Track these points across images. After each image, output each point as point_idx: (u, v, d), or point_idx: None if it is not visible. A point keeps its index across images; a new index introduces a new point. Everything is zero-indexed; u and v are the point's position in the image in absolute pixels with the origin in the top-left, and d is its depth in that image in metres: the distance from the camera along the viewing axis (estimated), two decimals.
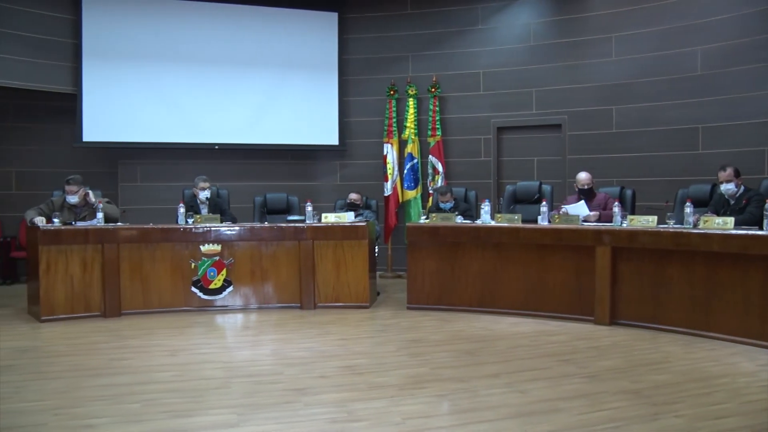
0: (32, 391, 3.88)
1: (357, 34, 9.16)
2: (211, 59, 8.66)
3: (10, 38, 7.90)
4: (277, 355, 4.72)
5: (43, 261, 5.86)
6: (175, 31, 8.56)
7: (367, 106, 9.18)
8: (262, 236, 6.44)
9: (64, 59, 8.28)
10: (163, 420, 3.34)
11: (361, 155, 9.21)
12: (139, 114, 8.45)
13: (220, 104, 8.69)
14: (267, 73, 8.86)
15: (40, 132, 8.84)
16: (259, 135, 8.81)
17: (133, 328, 5.62)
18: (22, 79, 8.01)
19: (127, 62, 8.43)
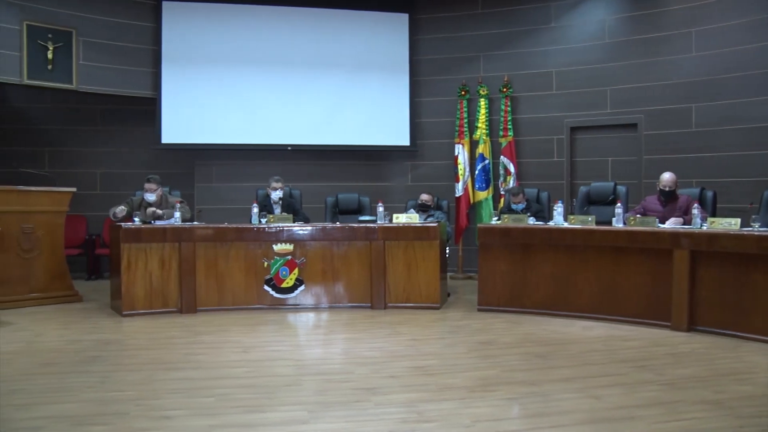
0: (115, 381, 4.07)
1: (428, 34, 9.17)
2: (284, 62, 8.85)
3: (96, 47, 8.31)
4: (347, 354, 4.79)
5: (125, 258, 6.12)
6: (249, 35, 8.78)
7: (438, 106, 9.17)
8: (333, 236, 6.53)
9: (145, 65, 8.64)
10: (236, 414, 3.43)
11: (432, 156, 9.21)
12: (214, 116, 8.71)
13: (293, 106, 8.86)
14: (339, 75, 8.97)
15: (123, 135, 9.26)
16: (331, 136, 8.93)
17: (207, 324, 5.80)
18: (108, 85, 8.41)
19: (203, 66, 8.71)
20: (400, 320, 5.94)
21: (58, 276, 6.93)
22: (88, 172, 9.15)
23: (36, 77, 7.93)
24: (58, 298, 6.83)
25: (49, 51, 7.96)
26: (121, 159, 9.25)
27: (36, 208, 6.77)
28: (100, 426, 3.27)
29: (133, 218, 6.34)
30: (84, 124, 9.23)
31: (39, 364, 4.45)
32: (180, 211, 6.43)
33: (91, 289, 7.77)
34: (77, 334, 5.45)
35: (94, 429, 3.23)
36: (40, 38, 7.91)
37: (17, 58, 7.78)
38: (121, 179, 9.08)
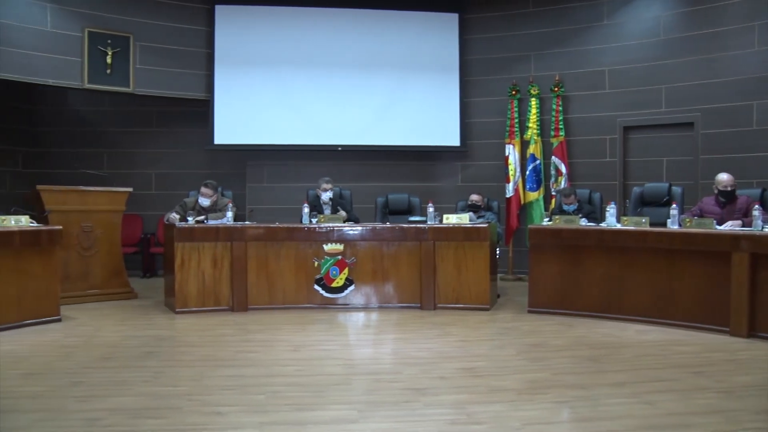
0: (169, 377, 4.17)
1: (478, 34, 9.12)
2: (334, 63, 8.92)
3: (152, 51, 8.54)
4: (397, 354, 4.81)
5: (178, 257, 6.26)
6: (300, 37, 8.88)
7: (488, 106, 9.11)
8: (383, 236, 6.55)
9: (198, 68, 8.83)
10: (286, 412, 3.48)
11: (482, 156, 9.16)
12: (265, 117, 8.84)
13: (343, 106, 8.92)
14: (389, 76, 9.00)
15: (177, 136, 9.49)
16: (382, 136, 8.96)
17: (258, 322, 5.88)
18: (163, 87, 8.64)
19: (255, 68, 8.85)
20: (450, 321, 5.92)
21: (115, 273, 7.13)
22: (144, 172, 9.39)
23: (96, 81, 8.19)
24: (115, 295, 7.04)
25: (108, 56, 8.22)
26: (175, 160, 9.47)
27: (95, 208, 6.99)
28: (154, 419, 3.35)
29: (187, 218, 6.49)
30: (140, 126, 9.49)
31: (98, 358, 4.60)
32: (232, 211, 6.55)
33: (146, 286, 7.97)
34: (133, 330, 5.60)
35: (149, 422, 3.31)
36: (100, 44, 8.18)
37: (78, 63, 8.06)
38: (175, 179, 9.30)
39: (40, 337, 5.29)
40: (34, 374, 4.21)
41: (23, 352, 4.79)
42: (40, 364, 4.46)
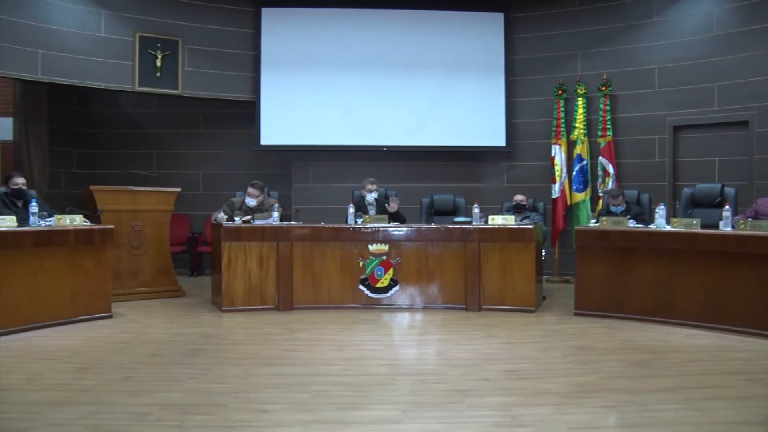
0: (215, 374, 4.23)
1: (524, 33, 9.04)
2: (379, 63, 8.94)
3: (200, 54, 8.69)
4: (441, 355, 4.79)
5: (225, 256, 6.35)
6: (345, 38, 8.93)
7: (534, 106, 9.02)
8: (428, 237, 6.54)
9: (245, 70, 8.95)
10: (331, 411, 3.50)
11: (528, 157, 9.07)
12: (311, 118, 8.91)
13: (388, 107, 8.94)
14: (434, 76, 8.98)
15: (224, 137, 9.66)
16: (427, 137, 8.95)
17: (303, 322, 5.93)
18: (210, 89, 8.79)
19: (300, 70, 8.92)
20: (495, 322, 5.88)
21: (164, 272, 7.28)
22: (192, 173, 9.57)
23: (146, 84, 8.39)
24: (163, 293, 7.18)
25: (157, 59, 8.41)
26: (222, 160, 9.63)
27: (145, 207, 7.14)
28: (202, 416, 3.41)
29: (234, 218, 6.58)
30: (188, 127, 9.68)
31: (147, 355, 4.70)
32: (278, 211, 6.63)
33: (194, 284, 8.12)
34: (181, 327, 5.71)
35: (197, 418, 3.37)
36: (150, 48, 8.37)
37: (130, 67, 8.26)
38: (222, 180, 9.46)
39: (92, 332, 5.44)
40: (87, 368, 4.33)
41: (77, 346, 4.93)
42: (93, 358, 4.59)
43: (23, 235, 5.42)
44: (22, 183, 6.16)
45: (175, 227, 8.06)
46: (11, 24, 7.45)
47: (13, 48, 7.47)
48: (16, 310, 5.35)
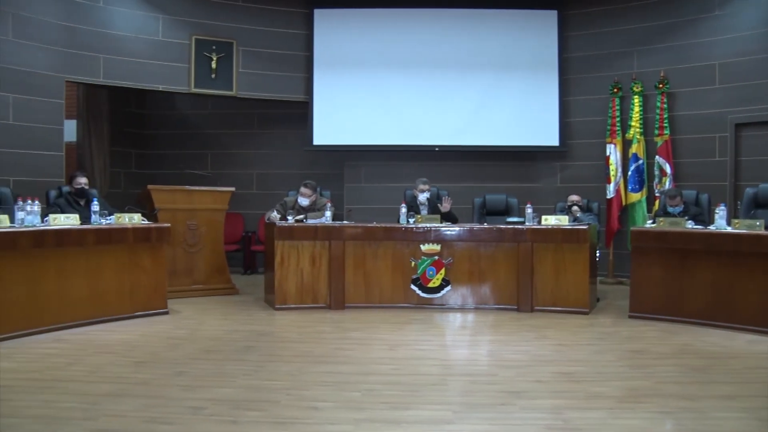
0: (268, 371, 4.29)
1: (578, 31, 8.90)
2: (430, 63, 8.92)
3: (254, 56, 8.83)
4: (493, 356, 4.75)
5: (278, 254, 6.43)
6: (397, 38, 8.94)
7: (588, 105, 8.87)
8: (481, 237, 6.50)
9: (298, 71, 9.04)
10: (382, 410, 3.50)
11: (582, 156, 8.92)
12: (363, 118, 8.95)
13: (440, 107, 8.92)
14: (486, 75, 8.92)
15: (277, 137, 9.80)
16: (479, 136, 8.89)
17: (355, 321, 5.96)
18: (264, 90, 8.92)
19: (352, 70, 8.97)
20: (547, 324, 5.80)
21: (218, 270, 7.41)
22: (245, 172, 9.73)
23: (201, 86, 8.56)
24: (217, 290, 7.32)
25: (213, 61, 8.57)
26: (275, 160, 9.76)
27: (200, 206, 7.29)
28: (254, 411, 3.46)
29: (287, 217, 6.66)
30: (242, 127, 9.85)
31: (201, 350, 4.79)
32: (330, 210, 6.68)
33: (247, 283, 8.25)
34: (234, 324, 5.80)
35: (249, 414, 3.42)
36: (205, 50, 8.54)
37: (186, 69, 8.45)
38: (275, 179, 9.59)
39: (149, 328, 5.58)
40: (144, 363, 4.44)
41: (134, 341, 5.07)
42: (149, 353, 4.71)
43: (86, 232, 5.60)
44: (84, 183, 6.39)
45: (229, 226, 8.19)
46: (76, 31, 7.72)
47: (77, 54, 7.75)
48: (78, 305, 5.54)
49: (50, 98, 7.53)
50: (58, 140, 7.64)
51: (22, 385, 3.92)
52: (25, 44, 7.30)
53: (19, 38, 7.24)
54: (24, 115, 7.31)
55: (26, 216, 5.35)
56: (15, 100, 7.23)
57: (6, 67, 7.14)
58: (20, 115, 7.28)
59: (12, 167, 7.17)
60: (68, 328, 5.41)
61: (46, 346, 4.88)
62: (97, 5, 7.89)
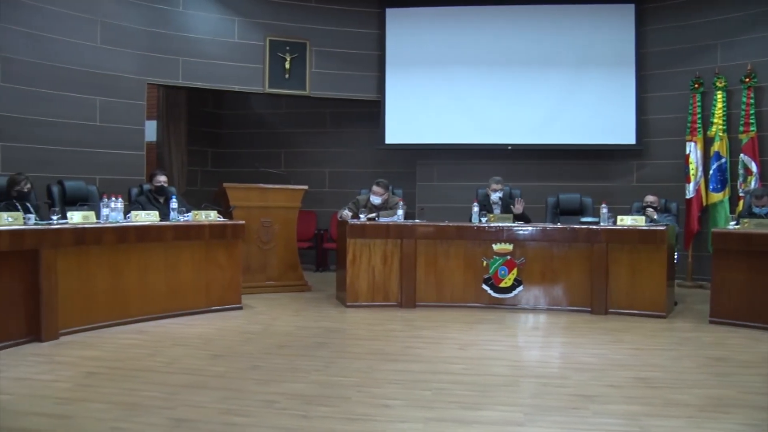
0: (339, 367, 4.33)
1: (656, 24, 8.60)
2: (503, 61, 8.82)
3: (327, 55, 8.94)
4: (565, 358, 4.66)
5: (350, 252, 6.48)
6: (469, 36, 8.87)
7: (667, 102, 8.56)
8: (554, 237, 6.38)
9: (370, 70, 9.10)
10: (452, 410, 3.49)
11: (660, 155, 8.63)
12: (435, 117, 8.92)
13: (513, 105, 8.80)
14: (559, 72, 8.74)
15: (349, 136, 9.89)
16: (552, 135, 8.73)
17: (426, 319, 5.95)
18: (336, 90, 9.02)
19: (424, 69, 8.96)
20: (622, 327, 5.65)
21: (291, 266, 7.54)
22: (318, 171, 9.86)
23: (275, 86, 8.74)
24: (290, 287, 7.44)
25: (286, 62, 8.73)
26: (348, 159, 9.86)
27: (273, 204, 7.43)
28: (325, 407, 3.50)
29: (359, 215, 6.71)
30: (315, 126, 9.99)
31: (274, 345, 4.89)
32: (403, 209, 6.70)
33: (319, 280, 8.35)
34: (306, 321, 5.89)
35: (321, 409, 3.47)
36: (279, 51, 8.70)
37: (260, 70, 8.64)
38: (348, 178, 9.69)
39: (224, 322, 5.73)
40: (219, 356, 4.56)
41: (210, 335, 5.22)
42: (224, 347, 4.83)
43: (165, 229, 5.80)
44: (164, 181, 6.61)
45: (301, 224, 8.31)
46: (157, 35, 8.03)
47: (159, 57, 8.06)
48: (157, 298, 5.75)
49: (133, 100, 7.86)
50: (139, 140, 7.97)
51: (107, 373, 4.10)
52: (111, 50, 7.64)
53: (105, 44, 7.59)
54: (109, 116, 7.65)
55: (110, 212, 5.58)
56: (101, 103, 7.58)
57: (94, 72, 7.50)
58: (105, 116, 7.63)
59: (98, 166, 7.52)
60: (148, 320, 5.63)
61: (129, 337, 5.09)
62: (177, 10, 8.17)
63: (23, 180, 5.68)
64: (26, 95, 6.97)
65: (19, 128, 6.92)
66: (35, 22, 7.02)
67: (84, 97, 7.45)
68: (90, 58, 7.47)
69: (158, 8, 8.03)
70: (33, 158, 6.95)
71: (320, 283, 8.06)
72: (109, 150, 7.65)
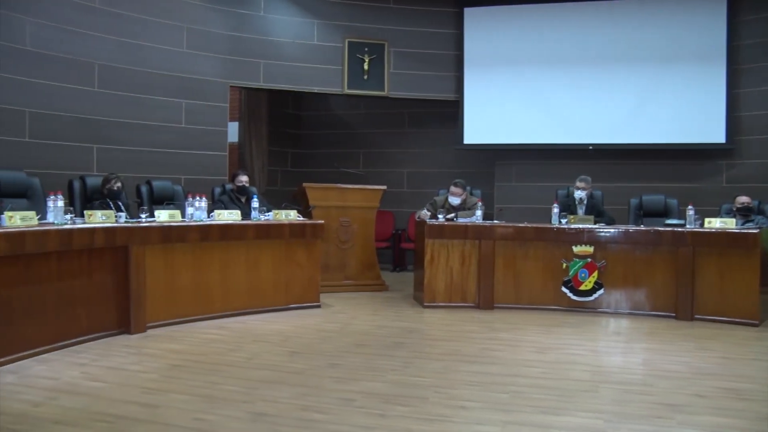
0: (416, 368, 4.33)
1: (751, 15, 8.16)
2: (583, 58, 8.62)
3: (405, 56, 8.98)
4: (648, 365, 4.50)
5: (428, 253, 6.48)
6: (548, 34, 8.72)
7: (762, 97, 8.13)
8: (637, 239, 6.19)
9: (448, 70, 9.08)
10: (530, 414, 3.43)
11: (752, 154, 8.22)
12: (514, 116, 8.81)
13: (594, 104, 8.59)
14: (643, 69, 8.44)
15: (427, 137, 9.90)
16: (635, 134, 8.46)
17: (503, 321, 5.89)
18: (415, 90, 9.04)
19: (502, 68, 8.87)
20: (709, 335, 5.42)
21: (369, 266, 7.60)
22: (396, 171, 9.91)
23: (354, 87, 8.83)
24: (367, 286, 7.50)
25: (365, 63, 8.81)
26: (426, 159, 9.87)
27: (352, 204, 7.51)
28: (402, 407, 3.51)
29: (437, 216, 6.70)
30: (393, 127, 10.04)
31: (352, 344, 4.94)
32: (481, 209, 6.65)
33: (396, 280, 8.39)
34: (384, 320, 5.93)
35: (398, 409, 3.48)
36: (358, 52, 8.79)
37: (339, 71, 8.75)
38: (426, 178, 9.70)
39: (302, 320, 5.83)
40: (298, 353, 4.65)
41: (289, 332, 5.32)
42: (303, 344, 4.92)
43: (246, 227, 5.96)
44: (245, 181, 6.80)
45: (379, 223, 8.37)
46: (239, 39, 8.28)
47: (241, 60, 8.30)
48: (238, 295, 5.92)
49: (216, 102, 8.12)
50: (222, 141, 8.22)
51: (190, 366, 4.25)
52: (196, 54, 7.93)
53: (191, 49, 7.88)
54: (194, 118, 7.94)
55: (195, 211, 5.78)
56: (187, 105, 7.87)
57: (180, 76, 7.80)
58: (191, 118, 7.91)
59: (183, 166, 7.81)
60: (229, 316, 5.80)
61: (211, 332, 5.26)
62: (258, 14, 8.39)
63: (114, 179, 5.98)
64: (119, 100, 7.33)
65: (112, 131, 7.28)
66: (128, 31, 7.38)
67: (170, 100, 7.76)
68: (176, 62, 7.78)
69: (240, 13, 8.27)
70: (124, 159, 7.30)
71: (397, 282, 8.09)
72: (194, 151, 7.93)
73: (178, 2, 7.78)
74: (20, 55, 6.52)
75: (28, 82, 6.58)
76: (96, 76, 7.14)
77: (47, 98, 6.74)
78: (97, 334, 4.90)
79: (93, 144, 7.13)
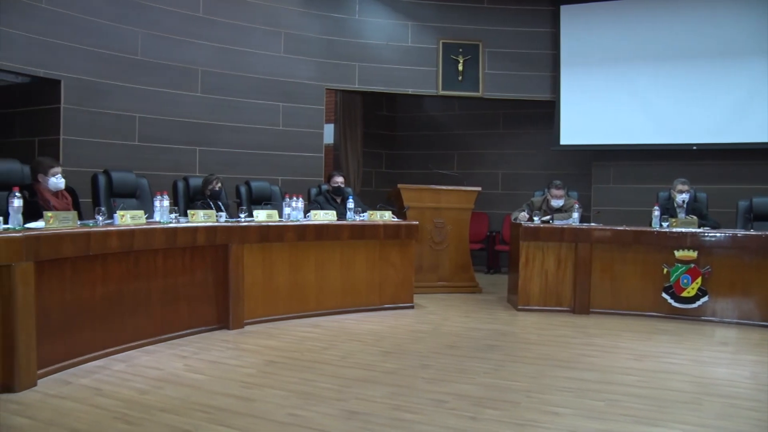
0: (508, 371, 4.29)
1: None
2: (687, 54, 8.24)
3: (500, 56, 8.91)
4: (757, 378, 4.26)
5: (523, 255, 6.39)
6: (648, 30, 8.39)
7: None
8: (745, 245, 5.87)
9: (544, 69, 8.93)
10: (625, 423, 3.33)
11: None
12: (612, 116, 8.55)
13: (697, 102, 8.19)
14: (751, 63, 7.95)
15: (522, 137, 9.77)
16: (744, 133, 8.00)
17: (600, 326, 5.73)
18: (510, 90, 8.95)
19: (600, 66, 8.62)
20: None
21: (462, 267, 7.56)
22: (491, 172, 9.82)
23: (448, 88, 8.83)
24: (461, 288, 7.47)
25: (459, 64, 8.79)
26: (521, 160, 9.74)
27: (446, 205, 7.50)
28: (494, 410, 3.49)
29: (533, 218, 6.59)
30: (487, 128, 9.96)
31: (444, 346, 4.94)
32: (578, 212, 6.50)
33: (490, 282, 8.31)
34: (476, 322, 5.89)
35: (489, 412, 3.46)
36: (452, 53, 8.79)
37: (434, 72, 8.78)
38: (521, 179, 9.57)
39: (395, 320, 5.88)
40: (390, 353, 4.70)
41: (382, 332, 5.38)
42: (395, 344, 4.96)
43: (341, 228, 6.07)
44: (341, 182, 6.93)
45: (474, 225, 8.31)
46: (335, 43, 8.46)
47: (336, 63, 8.47)
48: (333, 294, 6.04)
49: (312, 105, 8.32)
50: (318, 143, 8.42)
51: (285, 363, 4.38)
52: (293, 58, 8.16)
53: (288, 53, 8.12)
54: (291, 120, 8.17)
55: (292, 211, 5.95)
56: (284, 108, 8.11)
57: (277, 80, 8.05)
58: (288, 120, 8.15)
59: (281, 167, 8.06)
60: (324, 315, 5.93)
61: (306, 330, 5.39)
62: (353, 18, 8.54)
63: (215, 179, 6.24)
64: (219, 104, 7.65)
65: (213, 134, 7.62)
66: (229, 38, 7.69)
67: (268, 103, 8.01)
68: (274, 67, 8.04)
69: (335, 17, 8.45)
70: (224, 160, 7.62)
71: (491, 285, 8.02)
72: (291, 152, 8.16)
73: (275, 9, 8.04)
74: (133, 65, 6.94)
75: (139, 89, 7.00)
76: (199, 81, 7.48)
77: (155, 104, 7.14)
78: (198, 328, 5.14)
79: (196, 146, 7.48)
